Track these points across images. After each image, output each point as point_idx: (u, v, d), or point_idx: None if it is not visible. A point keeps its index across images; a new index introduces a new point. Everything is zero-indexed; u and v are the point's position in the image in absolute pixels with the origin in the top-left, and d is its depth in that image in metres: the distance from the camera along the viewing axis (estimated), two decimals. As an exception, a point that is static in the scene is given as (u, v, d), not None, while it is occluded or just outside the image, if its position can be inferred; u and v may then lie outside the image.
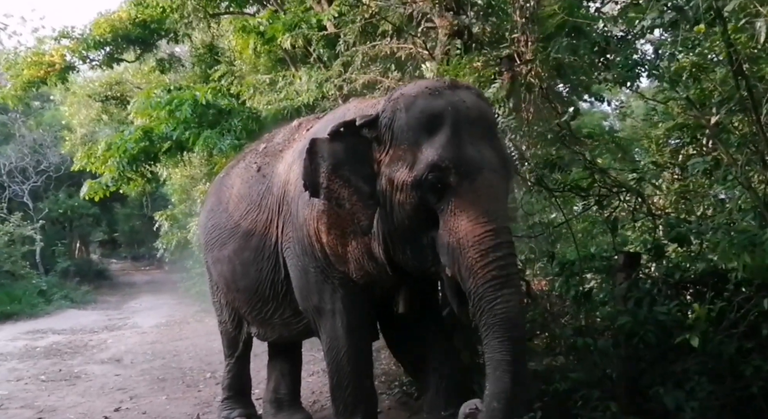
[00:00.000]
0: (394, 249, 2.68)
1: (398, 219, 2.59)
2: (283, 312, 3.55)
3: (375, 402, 3.17)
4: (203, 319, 9.86)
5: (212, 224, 3.90)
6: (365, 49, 4.88)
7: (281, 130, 3.92)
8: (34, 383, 5.95)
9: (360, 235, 2.76)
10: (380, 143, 2.62)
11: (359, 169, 2.64)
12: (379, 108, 2.67)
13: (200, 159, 8.96)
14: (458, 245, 2.40)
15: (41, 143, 15.70)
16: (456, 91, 2.62)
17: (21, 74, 8.67)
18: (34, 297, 12.47)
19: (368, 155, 2.65)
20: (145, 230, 21.12)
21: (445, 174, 2.43)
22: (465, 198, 2.42)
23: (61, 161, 15.22)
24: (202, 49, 9.18)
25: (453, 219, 2.43)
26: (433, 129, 2.50)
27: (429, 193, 2.47)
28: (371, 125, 2.64)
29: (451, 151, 2.45)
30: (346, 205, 2.66)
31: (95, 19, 8.50)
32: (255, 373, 4.48)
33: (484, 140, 2.55)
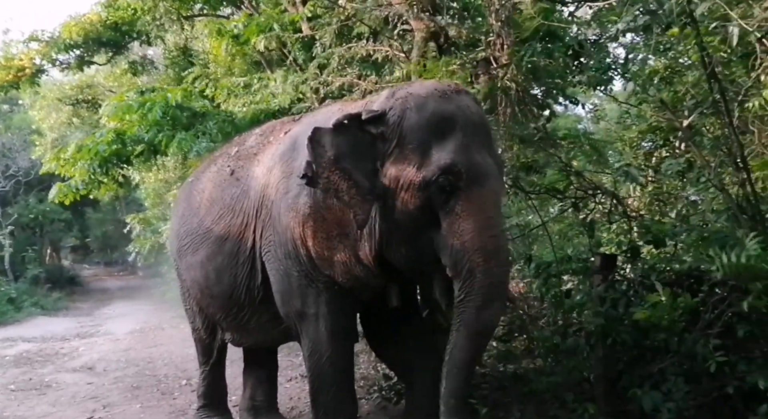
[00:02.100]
0: (388, 247, 2.69)
1: (399, 217, 2.61)
2: (260, 317, 3.50)
3: (355, 408, 3.15)
4: (179, 325, 9.70)
5: (184, 229, 3.82)
6: (341, 52, 4.86)
7: (253, 133, 3.87)
8: (3, 393, 5.79)
9: (345, 236, 2.76)
10: (385, 139, 2.62)
11: (360, 163, 2.64)
12: (384, 105, 2.67)
13: (174, 163, 8.87)
14: (462, 247, 2.48)
15: (10, 147, 15.37)
16: (460, 95, 2.68)
17: (-9, 79, 8.50)
18: (3, 305, 12.17)
19: (371, 151, 2.65)
20: (118, 235, 20.75)
21: (456, 178, 2.49)
22: (473, 203, 2.50)
23: (30, 166, 14.91)
24: (175, 52, 9.09)
25: (459, 222, 2.49)
26: (443, 132, 2.55)
27: (436, 194, 2.52)
28: (377, 120, 2.64)
29: (463, 156, 2.51)
30: (344, 197, 2.64)
31: (65, 22, 8.35)
32: (231, 380, 4.41)
33: (487, 146, 2.64)
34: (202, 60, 8.58)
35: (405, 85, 2.86)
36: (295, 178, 2.97)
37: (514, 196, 3.68)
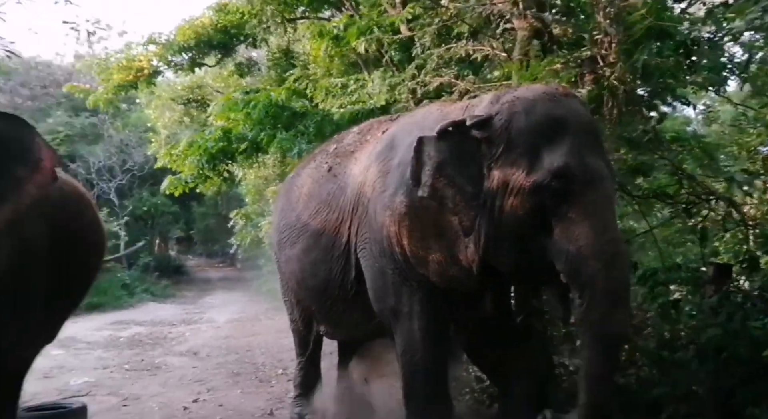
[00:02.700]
0: (496, 253, 2.66)
1: (507, 223, 2.58)
2: (353, 312, 3.57)
3: (450, 407, 3.14)
4: (274, 317, 10.10)
5: (283, 223, 3.98)
6: (440, 52, 4.86)
7: (351, 131, 3.97)
8: (119, 372, 6.27)
9: (441, 236, 2.76)
10: (491, 144, 2.60)
11: (465, 169, 2.65)
12: (489, 110, 2.66)
13: (274, 161, 9.20)
14: (579, 253, 2.41)
15: (127, 143, 16.53)
16: (569, 98, 2.64)
17: (111, 78, 9.17)
18: (118, 290, 13.16)
19: (476, 156, 2.64)
20: (219, 229, 21.85)
21: (569, 182, 2.44)
22: (587, 207, 2.44)
23: (144, 161, 15.97)
24: (278, 54, 9.41)
25: (573, 227, 2.43)
26: (554, 135, 2.50)
27: (548, 199, 2.47)
28: (482, 125, 2.63)
29: (576, 159, 2.46)
30: (449, 204, 2.65)
31: (179, 26, 8.88)
32: (325, 372, 4.55)
33: (598, 149, 2.59)
34: (303, 61, 8.83)
35: (510, 90, 2.82)
36: (392, 176, 3.02)
37: (620, 200, 3.54)
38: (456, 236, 2.74)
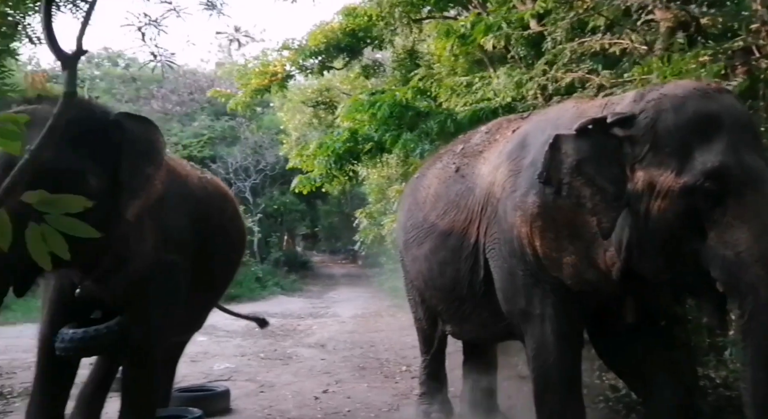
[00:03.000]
0: (640, 258, 2.53)
1: (653, 226, 2.44)
2: (481, 312, 3.54)
3: (583, 414, 3.03)
4: (396, 314, 10.28)
5: (410, 223, 4.02)
6: (573, 47, 4.70)
7: (478, 131, 3.93)
8: (255, 360, 6.68)
9: (577, 238, 2.67)
10: (635, 143, 2.49)
11: (605, 168, 2.54)
12: (632, 108, 2.55)
13: (397, 160, 9.36)
14: (738, 259, 2.24)
15: (261, 144, 17.55)
16: (722, 94, 2.46)
17: (249, 83, 9.79)
18: (252, 283, 14.01)
19: (617, 155, 2.53)
20: (342, 226, 22.57)
21: (725, 182, 2.28)
22: (747, 209, 2.26)
23: (276, 161, 16.87)
24: (403, 54, 9.56)
25: (731, 231, 2.26)
26: (707, 133, 2.35)
27: (701, 201, 2.32)
28: (624, 123, 2.52)
29: (733, 158, 2.29)
30: (587, 204, 2.56)
31: (311, 31, 9.29)
32: (449, 371, 4.56)
33: (756, 147, 2.39)
34: (427, 61, 8.91)
35: (655, 87, 2.66)
36: (523, 176, 2.96)
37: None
38: (593, 239, 2.64)
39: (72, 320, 3.22)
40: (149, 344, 3.33)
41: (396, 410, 4.60)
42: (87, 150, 2.77)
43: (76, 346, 3.10)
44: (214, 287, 4.20)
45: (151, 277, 3.19)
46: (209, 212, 3.80)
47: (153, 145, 3.05)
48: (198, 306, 3.99)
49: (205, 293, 3.99)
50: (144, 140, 3.01)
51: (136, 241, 3.07)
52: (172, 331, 3.63)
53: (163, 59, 3.52)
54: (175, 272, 3.35)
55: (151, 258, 3.15)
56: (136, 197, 2.89)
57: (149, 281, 3.19)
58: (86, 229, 1.27)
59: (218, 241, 3.87)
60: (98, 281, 3.12)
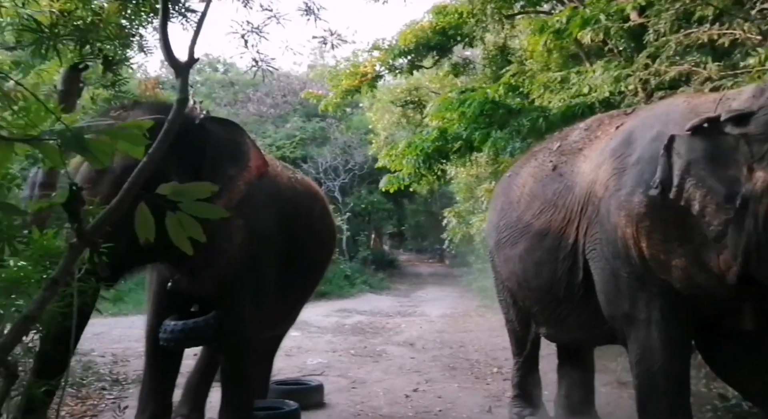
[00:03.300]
0: (759, 263, 2.39)
1: None
2: (579, 315, 3.44)
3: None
4: (484, 314, 10.17)
5: (503, 223, 3.94)
6: (678, 38, 4.46)
7: (576, 128, 3.80)
8: (346, 356, 6.80)
9: (687, 240, 2.54)
10: (753, 141, 2.35)
11: (719, 169, 2.43)
12: (750, 104, 2.41)
13: (486, 159, 9.25)
14: None
15: (350, 144, 17.87)
16: None
17: (340, 84, 9.98)
18: (342, 280, 14.29)
19: (732, 155, 2.41)
20: (429, 225, 22.56)
21: None
22: None
23: (364, 161, 17.13)
24: (494, 51, 9.43)
25: None
26: None
27: None
28: (741, 121, 2.39)
29: None
30: (696, 207, 2.45)
31: (401, 31, 9.35)
32: (543, 375, 4.45)
33: None
34: (519, 57, 8.75)
35: None
36: (628, 174, 2.84)
37: None
38: (704, 241, 2.50)
39: (174, 312, 3.40)
40: (242, 337, 3.47)
41: (488, 412, 4.55)
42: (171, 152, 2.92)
43: (177, 337, 3.28)
44: (304, 285, 4.30)
45: (239, 273, 3.32)
46: (298, 211, 3.90)
47: (238, 147, 3.15)
48: (289, 302, 4.11)
49: (295, 290, 4.10)
50: (227, 142, 3.12)
51: (224, 239, 3.19)
52: (263, 326, 3.75)
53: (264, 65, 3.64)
54: (262, 269, 3.46)
55: (239, 255, 3.27)
56: (218, 198, 3.01)
57: (237, 278, 3.33)
58: (217, 211, 1.39)
59: (307, 239, 3.96)
60: (188, 276, 3.29)
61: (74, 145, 1.18)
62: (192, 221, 1.35)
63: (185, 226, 1.35)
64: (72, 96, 4.46)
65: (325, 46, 3.70)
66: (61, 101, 4.27)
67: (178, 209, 1.37)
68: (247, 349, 3.55)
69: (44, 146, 1.25)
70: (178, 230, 1.34)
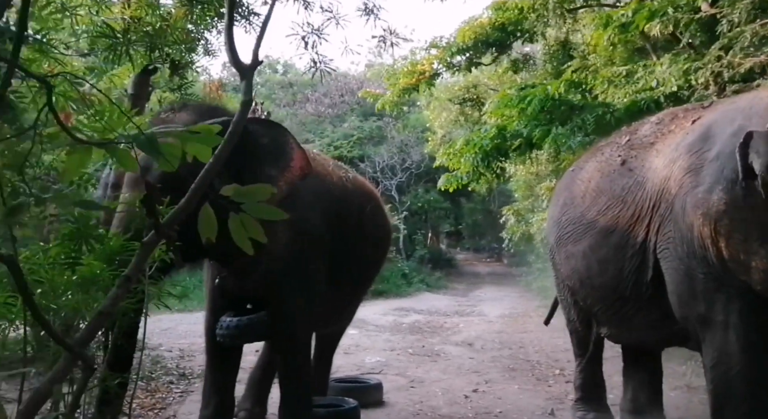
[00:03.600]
0: None
1: None
2: (647, 315, 3.32)
3: (771, 433, 2.74)
4: (545, 315, 9.86)
5: (565, 218, 3.84)
6: (755, 28, 4.24)
7: (646, 122, 3.67)
8: (404, 355, 6.80)
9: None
10: None
11: None
12: None
13: (547, 157, 9.06)
14: None
15: (406, 143, 17.88)
16: None
17: (397, 83, 9.99)
18: (399, 279, 14.30)
19: None
20: (487, 224, 22.31)
21: None
22: None
23: (421, 159, 17.09)
24: (555, 46, 9.24)
25: None
26: None
27: None
28: None
29: None
30: None
31: (460, 28, 9.27)
32: (607, 377, 4.33)
33: None
34: (581, 52, 8.54)
35: None
36: (706, 171, 2.72)
37: None
38: None
39: (232, 309, 3.47)
40: (292, 335, 3.51)
41: (551, 415, 4.45)
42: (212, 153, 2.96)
43: (232, 334, 3.36)
44: (357, 283, 4.30)
45: (285, 272, 3.35)
46: (348, 209, 3.90)
47: (280, 147, 3.17)
48: (341, 300, 4.11)
49: (348, 288, 4.11)
50: (268, 144, 3.14)
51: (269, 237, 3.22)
52: (314, 323, 3.79)
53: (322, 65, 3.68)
54: (309, 266, 3.49)
55: (284, 254, 3.30)
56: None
57: (284, 276, 3.36)
58: (277, 213, 1.41)
59: (358, 238, 3.96)
60: (235, 274, 3.35)
61: (148, 148, 1.22)
62: (254, 223, 1.38)
63: (247, 227, 1.37)
64: (142, 99, 4.65)
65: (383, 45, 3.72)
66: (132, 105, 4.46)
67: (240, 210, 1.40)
68: (299, 346, 3.59)
69: (119, 149, 1.29)
70: (240, 231, 1.37)
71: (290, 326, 3.47)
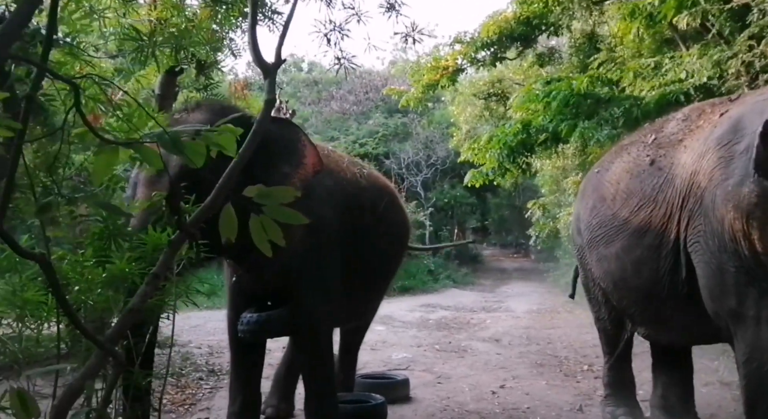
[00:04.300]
0: None
1: None
2: (685, 314, 3.26)
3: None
4: (573, 310, 9.86)
5: (596, 221, 3.79)
6: (787, 16, 4.14)
7: (671, 118, 3.61)
8: (431, 351, 6.80)
9: None
10: None
11: None
12: None
13: (574, 151, 8.97)
14: None
15: (431, 139, 17.85)
16: None
17: (421, 79, 9.97)
18: (425, 275, 14.28)
19: None
20: (513, 220, 22.17)
21: None
22: None
23: (446, 155, 17.04)
24: (581, 39, 9.13)
25: None
26: None
27: None
28: None
29: None
30: None
31: (484, 22, 9.21)
32: (636, 373, 4.27)
33: None
34: (608, 45, 8.41)
35: None
36: (736, 163, 2.68)
37: None
38: None
39: (251, 306, 3.51)
40: (311, 330, 3.53)
41: (579, 411, 4.41)
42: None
43: (252, 330, 3.39)
44: (377, 278, 4.29)
45: (300, 268, 3.37)
46: (361, 205, 3.90)
47: (292, 145, 3.18)
48: (360, 295, 4.09)
49: (366, 283, 4.10)
50: (281, 141, 3.15)
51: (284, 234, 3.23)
52: (333, 319, 3.79)
53: (346, 62, 3.69)
54: (324, 262, 3.50)
55: (299, 250, 3.31)
56: None
57: (300, 272, 3.38)
58: (297, 217, 1.42)
59: (374, 233, 3.96)
60: (251, 271, 3.38)
61: (172, 147, 1.24)
62: (273, 225, 1.39)
63: (267, 229, 1.38)
64: (168, 99, 4.72)
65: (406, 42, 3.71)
66: (159, 105, 4.53)
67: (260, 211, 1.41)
68: (319, 341, 3.59)
69: (145, 149, 1.32)
70: (260, 233, 1.38)
71: (308, 321, 3.49)
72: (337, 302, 3.65)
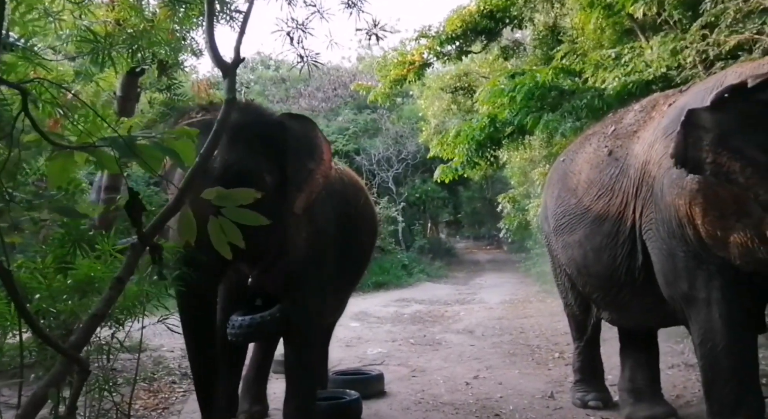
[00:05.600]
0: None
1: None
2: (642, 299, 3.39)
3: (761, 405, 2.78)
4: (545, 299, 10.03)
5: (560, 210, 3.91)
6: (737, 4, 4.25)
7: (630, 109, 3.73)
8: (405, 345, 6.83)
9: (745, 215, 2.46)
10: None
11: (754, 137, 2.36)
12: None
13: (540, 142, 9.09)
14: None
15: (401, 134, 17.85)
16: None
17: (388, 75, 9.97)
18: (399, 270, 14.32)
19: (765, 121, 2.35)
20: (485, 212, 22.35)
21: None
22: None
23: (416, 150, 17.07)
24: (544, 31, 9.22)
25: None
26: None
27: None
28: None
29: None
30: (739, 179, 2.39)
31: (448, 17, 9.25)
32: (605, 358, 4.38)
33: None
34: (570, 36, 8.52)
35: None
36: None
37: None
38: (763, 214, 2.41)
39: (239, 308, 3.50)
40: (308, 328, 3.55)
41: (550, 397, 4.49)
42: (261, 150, 3.02)
43: (246, 332, 3.37)
44: (355, 273, 4.38)
45: (305, 266, 3.39)
46: (347, 202, 3.96)
47: (313, 141, 3.23)
48: (342, 291, 4.19)
49: (346, 279, 4.17)
50: (305, 138, 3.21)
51: (294, 233, 3.28)
52: (324, 316, 3.85)
53: (309, 60, 3.68)
54: (324, 261, 3.53)
55: (305, 250, 3.34)
56: (301, 191, 3.08)
57: (304, 270, 3.40)
58: (256, 217, 1.42)
59: (356, 230, 4.02)
60: (263, 271, 3.38)
61: (126, 152, 1.23)
62: (232, 226, 1.39)
63: (225, 231, 1.39)
64: (131, 101, 4.66)
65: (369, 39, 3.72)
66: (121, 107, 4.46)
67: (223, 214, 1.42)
68: (312, 339, 3.62)
69: (100, 153, 1.31)
70: (218, 235, 1.38)
71: (307, 320, 3.51)
72: (329, 299, 3.72)
